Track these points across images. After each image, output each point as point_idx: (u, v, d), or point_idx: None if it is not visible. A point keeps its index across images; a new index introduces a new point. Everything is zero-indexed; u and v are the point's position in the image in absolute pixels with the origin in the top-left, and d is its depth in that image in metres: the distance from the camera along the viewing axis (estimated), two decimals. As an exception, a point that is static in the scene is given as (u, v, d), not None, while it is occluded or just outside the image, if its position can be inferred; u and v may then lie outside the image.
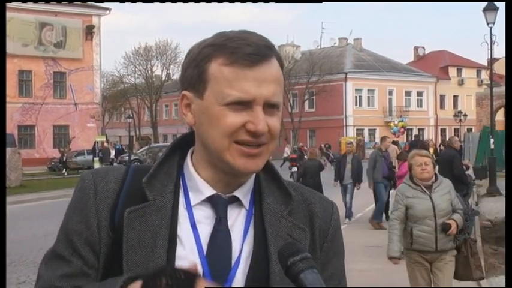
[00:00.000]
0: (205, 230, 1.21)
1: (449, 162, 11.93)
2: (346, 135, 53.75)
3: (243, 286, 1.19)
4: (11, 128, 36.03)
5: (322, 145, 43.94)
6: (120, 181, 1.25)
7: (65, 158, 33.76)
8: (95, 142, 33.89)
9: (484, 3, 19.31)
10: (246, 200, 1.25)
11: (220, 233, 1.21)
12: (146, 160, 34.02)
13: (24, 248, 10.71)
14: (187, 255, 1.18)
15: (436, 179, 5.49)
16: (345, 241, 1.39)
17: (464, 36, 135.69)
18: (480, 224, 12.09)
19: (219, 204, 1.22)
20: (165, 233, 1.18)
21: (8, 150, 21.82)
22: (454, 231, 5.36)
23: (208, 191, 1.22)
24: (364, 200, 14.80)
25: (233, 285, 1.19)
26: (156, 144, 46.62)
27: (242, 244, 1.22)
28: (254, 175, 1.28)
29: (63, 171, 32.48)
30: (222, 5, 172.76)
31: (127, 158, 36.25)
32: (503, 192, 16.65)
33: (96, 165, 31.86)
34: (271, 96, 1.17)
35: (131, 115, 47.40)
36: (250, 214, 1.25)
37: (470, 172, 17.03)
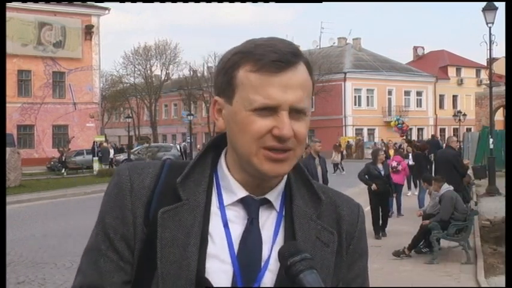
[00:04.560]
0: (237, 229, 1.23)
1: (449, 162, 11.96)
2: (346, 135, 53.82)
3: (271, 286, 1.21)
4: (10, 127, 36.02)
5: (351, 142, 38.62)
6: (155, 178, 1.28)
7: (64, 158, 33.74)
8: (94, 142, 33.91)
9: (483, 3, 19.32)
10: (276, 203, 1.28)
11: (252, 234, 1.23)
12: (145, 160, 34.03)
13: (23, 248, 10.70)
14: (218, 253, 1.21)
15: None
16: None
17: (464, 36, 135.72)
18: (479, 223, 12.10)
19: (251, 206, 1.25)
20: (197, 232, 1.21)
21: (7, 150, 21.79)
22: None
23: (242, 192, 1.25)
24: (361, 200, 14.79)
25: (261, 286, 1.21)
26: (155, 144, 46.62)
27: (272, 245, 1.24)
28: (285, 178, 1.30)
29: (63, 171, 32.46)
30: (222, 5, 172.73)
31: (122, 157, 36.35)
32: (503, 192, 16.66)
33: (96, 165, 31.88)
34: (297, 102, 1.19)
35: (130, 115, 47.46)
36: (281, 216, 1.27)
37: (469, 172, 17.05)
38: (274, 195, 1.27)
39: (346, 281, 1.31)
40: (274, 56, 1.18)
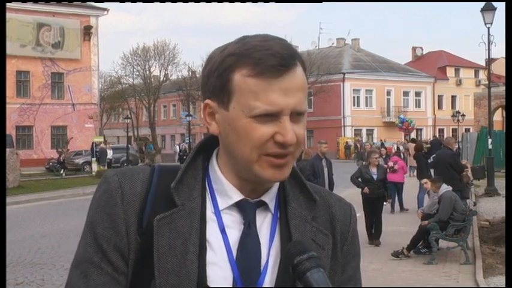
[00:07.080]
0: (234, 234, 1.20)
1: (445, 162, 12.01)
2: (344, 136, 53.83)
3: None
4: (8, 128, 35.94)
5: (400, 145, 35.20)
6: (146, 184, 1.23)
7: (62, 159, 33.73)
8: (92, 143, 33.89)
9: (482, 4, 19.36)
10: (271, 205, 1.25)
11: (250, 238, 1.20)
12: (145, 161, 34.03)
13: (22, 249, 10.70)
14: (217, 260, 1.18)
15: None
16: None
17: (462, 36, 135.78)
18: (478, 224, 12.11)
19: (247, 209, 1.22)
20: (195, 239, 1.18)
21: (6, 150, 21.79)
22: None
23: (237, 196, 1.22)
24: (358, 202, 14.83)
25: None
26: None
27: (269, 249, 1.22)
28: None
29: (61, 171, 32.45)
30: (222, 5, 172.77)
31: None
32: (501, 192, 16.69)
33: (94, 166, 31.86)
34: (298, 105, 1.15)
35: (129, 116, 47.36)
36: (276, 218, 1.25)
37: (468, 172, 17.06)
38: (270, 197, 1.24)
39: (340, 283, 1.28)
40: (274, 60, 1.13)
